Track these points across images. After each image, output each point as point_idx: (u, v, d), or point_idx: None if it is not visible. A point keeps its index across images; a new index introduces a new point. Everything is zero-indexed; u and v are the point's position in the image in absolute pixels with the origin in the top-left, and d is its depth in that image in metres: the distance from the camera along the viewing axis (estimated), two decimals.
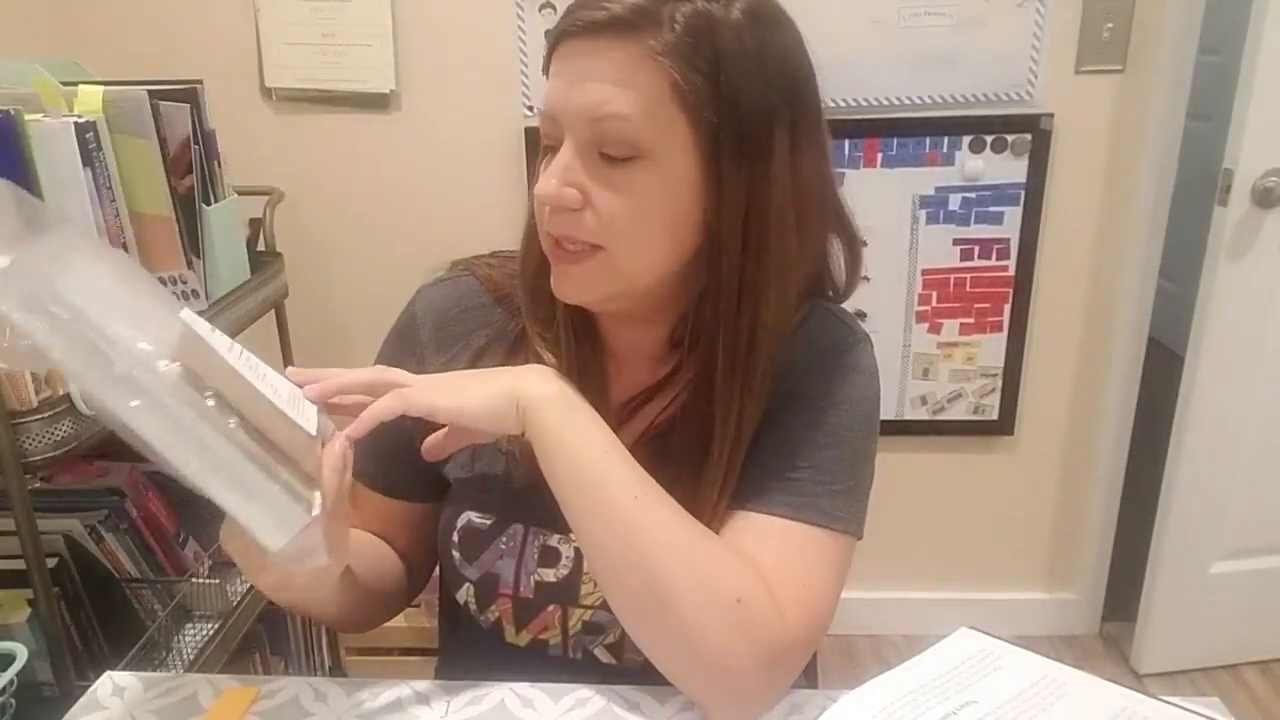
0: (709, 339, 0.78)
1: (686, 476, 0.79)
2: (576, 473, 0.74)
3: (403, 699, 0.78)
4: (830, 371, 0.82)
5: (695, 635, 0.71)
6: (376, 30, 1.86)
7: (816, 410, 0.81)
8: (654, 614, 0.72)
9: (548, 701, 0.77)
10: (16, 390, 1.05)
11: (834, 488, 0.79)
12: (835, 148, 1.91)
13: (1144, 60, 1.84)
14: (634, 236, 0.74)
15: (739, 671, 0.71)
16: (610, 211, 0.73)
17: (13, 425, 1.05)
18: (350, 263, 2.01)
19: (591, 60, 0.71)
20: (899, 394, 2.08)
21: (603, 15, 0.70)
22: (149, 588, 1.35)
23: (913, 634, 2.20)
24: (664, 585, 0.71)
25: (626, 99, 0.70)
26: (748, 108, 0.72)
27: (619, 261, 0.75)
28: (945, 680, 0.73)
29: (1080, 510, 2.18)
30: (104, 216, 1.17)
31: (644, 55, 0.70)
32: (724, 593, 0.71)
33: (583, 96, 0.71)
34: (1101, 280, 2.00)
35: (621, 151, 0.72)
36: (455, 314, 0.88)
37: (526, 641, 0.87)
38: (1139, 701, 0.71)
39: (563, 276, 0.77)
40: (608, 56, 0.71)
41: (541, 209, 0.75)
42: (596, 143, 0.72)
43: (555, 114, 0.73)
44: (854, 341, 0.86)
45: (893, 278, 2.00)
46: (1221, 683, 2.07)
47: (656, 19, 0.70)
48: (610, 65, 0.71)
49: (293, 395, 0.68)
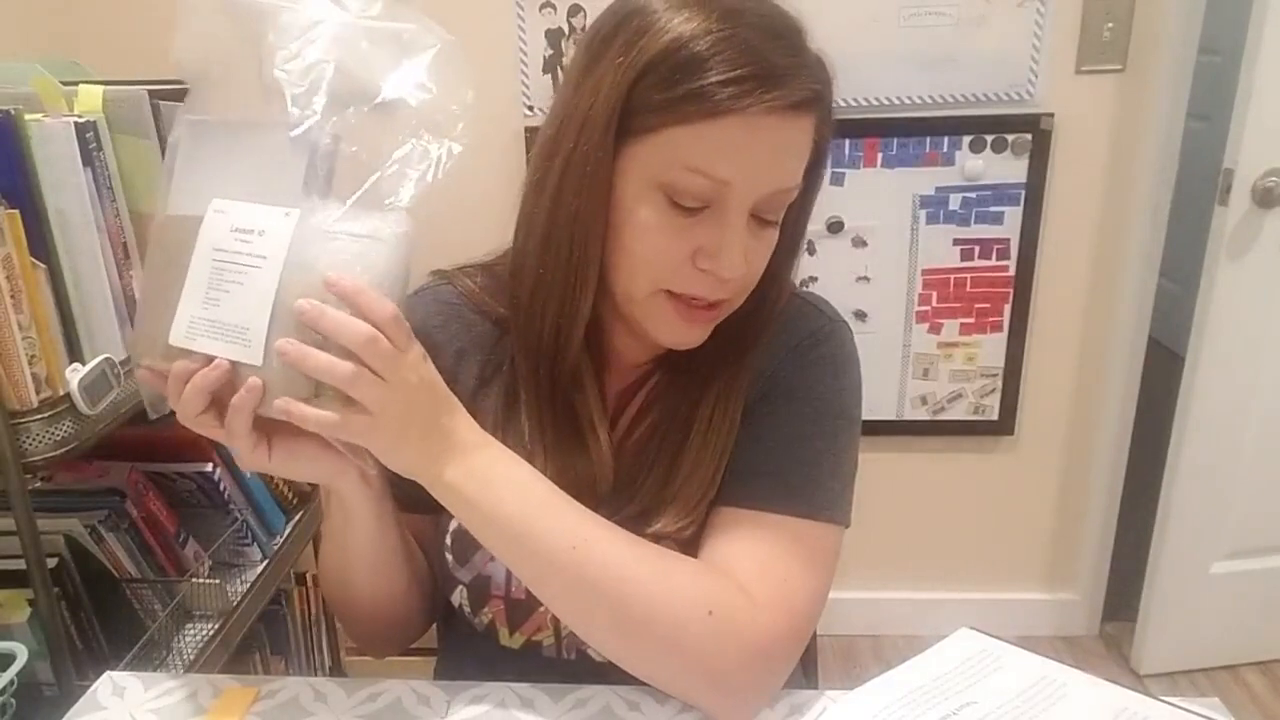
0: (718, 345, 0.80)
1: (664, 471, 0.81)
2: (508, 546, 0.73)
3: (403, 699, 0.78)
4: (809, 361, 0.83)
5: (676, 654, 0.72)
6: None
7: (797, 401, 0.81)
8: (631, 645, 0.73)
9: (548, 702, 0.77)
10: (17, 390, 1.05)
11: (817, 478, 0.79)
12: (835, 147, 1.92)
13: (1144, 60, 1.84)
14: (755, 284, 0.79)
15: (726, 675, 0.72)
16: (756, 271, 0.77)
17: (13, 425, 1.05)
18: None
19: (784, 136, 0.71)
20: (899, 394, 2.08)
21: (807, 95, 0.70)
22: (149, 588, 1.35)
23: (913, 634, 2.19)
24: (630, 620, 0.71)
25: (802, 169, 0.75)
26: (828, 145, 0.77)
27: (735, 305, 0.78)
28: (945, 681, 0.73)
29: (1080, 510, 2.18)
30: (104, 216, 1.16)
31: (813, 125, 0.73)
32: (693, 608, 0.71)
33: (777, 172, 0.72)
34: (1102, 280, 2.00)
35: (777, 217, 0.75)
36: (436, 322, 0.88)
37: (521, 644, 0.87)
38: (1139, 702, 0.71)
39: (687, 329, 0.77)
40: (796, 132, 0.72)
41: (679, 269, 0.74)
42: (760, 209, 0.73)
43: (734, 182, 0.70)
44: (831, 329, 0.85)
45: (893, 278, 2.00)
46: (1222, 683, 2.07)
47: (827, 91, 0.73)
48: (799, 141, 0.73)
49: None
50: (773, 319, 0.83)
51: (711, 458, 0.80)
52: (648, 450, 0.83)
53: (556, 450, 0.81)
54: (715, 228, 0.71)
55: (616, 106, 0.70)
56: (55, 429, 1.08)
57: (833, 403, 0.82)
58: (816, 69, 0.72)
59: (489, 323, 0.87)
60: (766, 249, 0.76)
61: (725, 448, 0.80)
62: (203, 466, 1.47)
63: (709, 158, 0.69)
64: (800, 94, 0.69)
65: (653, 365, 0.86)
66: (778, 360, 0.83)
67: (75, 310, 1.14)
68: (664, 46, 0.68)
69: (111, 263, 1.18)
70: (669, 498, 0.79)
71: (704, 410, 0.81)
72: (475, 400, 0.85)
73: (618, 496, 0.82)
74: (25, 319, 1.05)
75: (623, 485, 0.82)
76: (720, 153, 0.69)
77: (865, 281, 2.01)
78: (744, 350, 0.82)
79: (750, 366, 0.82)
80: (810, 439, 0.80)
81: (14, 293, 1.03)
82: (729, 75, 0.67)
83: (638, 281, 0.75)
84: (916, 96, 1.88)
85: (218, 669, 1.38)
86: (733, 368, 0.82)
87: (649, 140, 0.70)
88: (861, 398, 0.85)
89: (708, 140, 0.69)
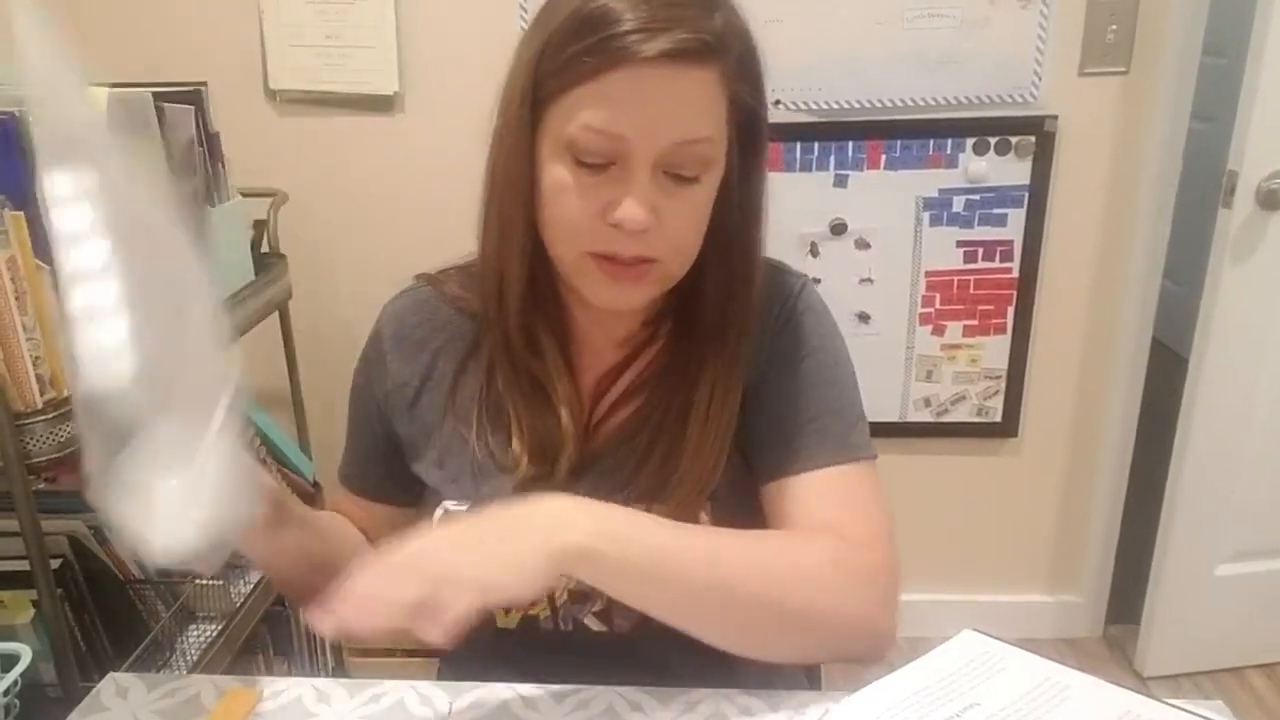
0: (705, 325, 0.83)
1: (663, 457, 0.83)
2: (648, 586, 0.72)
3: (405, 699, 0.78)
4: (799, 321, 0.87)
5: (821, 623, 0.75)
6: (380, 32, 1.87)
7: (802, 359, 0.85)
8: (778, 634, 0.76)
9: (550, 702, 0.77)
10: (21, 391, 1.05)
11: (847, 421, 0.84)
12: (839, 149, 1.92)
13: (1148, 62, 1.84)
14: (689, 246, 0.79)
15: (870, 617, 0.76)
16: (679, 229, 0.77)
17: (17, 426, 1.05)
18: (354, 264, 2.01)
19: (672, 87, 0.72)
20: (902, 396, 2.08)
21: (689, 43, 0.70)
22: (152, 589, 1.35)
23: (916, 636, 2.18)
24: (785, 609, 0.74)
25: (708, 123, 0.75)
26: (761, 109, 0.79)
27: (671, 270, 0.80)
28: (949, 682, 0.73)
29: (1084, 512, 2.17)
30: None
31: (717, 79, 0.74)
32: (818, 572, 0.75)
33: (670, 123, 0.73)
34: (1105, 282, 1.99)
35: (694, 171, 0.75)
36: (414, 321, 0.92)
37: (517, 621, 0.88)
38: (1143, 704, 0.71)
39: (617, 290, 0.79)
40: (691, 82, 0.73)
41: (593, 228, 0.75)
42: (670, 164, 0.74)
43: (627, 135, 0.72)
44: (802, 285, 0.89)
45: (896, 280, 2.00)
46: (1226, 685, 2.06)
47: (726, 42, 0.73)
48: (694, 92, 0.73)
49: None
50: (754, 296, 0.85)
51: (715, 444, 0.83)
52: (641, 435, 0.85)
53: (528, 414, 0.85)
54: (619, 182, 0.74)
55: (530, 77, 0.75)
56: (59, 430, 1.08)
57: (829, 351, 0.87)
58: (708, 21, 0.72)
59: (465, 317, 0.91)
60: (689, 207, 0.77)
61: (727, 433, 0.83)
62: None
63: (600, 113, 0.72)
64: (680, 43, 0.70)
65: (635, 349, 0.89)
66: (768, 334, 0.86)
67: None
68: (566, 15, 0.72)
69: None
70: (675, 483, 0.82)
71: (701, 396, 0.83)
72: (456, 387, 0.89)
73: (615, 477, 0.85)
74: (30, 320, 1.05)
75: (619, 467, 0.85)
76: (610, 107, 0.72)
77: (868, 283, 2.00)
78: (733, 332, 0.84)
79: (746, 348, 0.85)
80: (826, 391, 0.85)
81: (19, 294, 1.03)
82: (612, 31, 0.70)
83: (564, 244, 0.78)
84: (920, 98, 1.88)
85: (221, 670, 1.38)
86: (727, 352, 0.84)
87: (556, 105, 0.74)
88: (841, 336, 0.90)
89: (598, 96, 0.72)
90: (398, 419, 0.92)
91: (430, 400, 0.90)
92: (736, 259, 0.83)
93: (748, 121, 0.79)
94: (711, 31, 0.72)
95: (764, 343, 0.86)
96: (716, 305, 0.83)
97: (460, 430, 0.88)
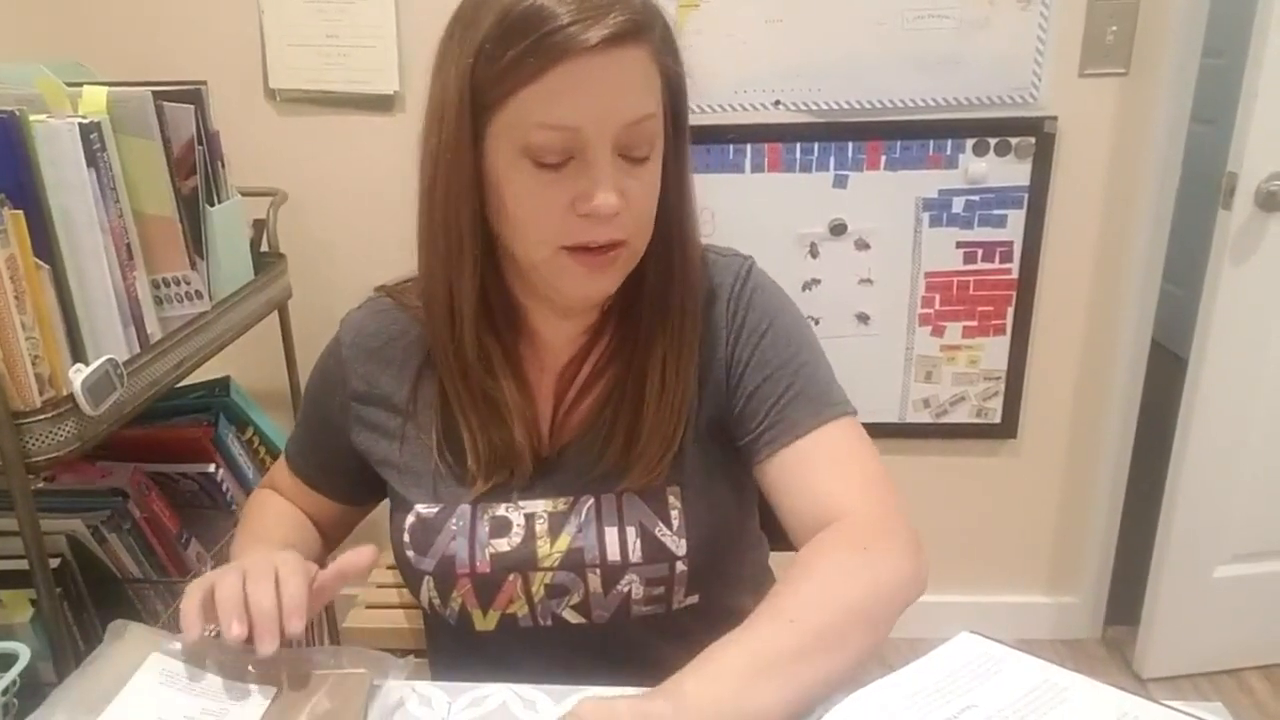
0: (648, 299, 0.86)
1: (625, 433, 0.86)
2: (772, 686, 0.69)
3: (405, 700, 0.78)
4: (753, 298, 0.90)
5: (900, 608, 0.79)
6: (380, 32, 1.87)
7: (767, 333, 0.88)
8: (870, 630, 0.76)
9: (549, 703, 0.77)
10: (20, 390, 1.05)
11: (823, 381, 0.88)
12: (839, 149, 1.92)
13: (1148, 63, 1.84)
14: (650, 222, 0.82)
15: (906, 576, 0.80)
16: (642, 209, 0.80)
17: (16, 425, 1.05)
18: (353, 264, 2.01)
19: (615, 70, 0.74)
20: (901, 397, 2.08)
21: (624, 25, 0.72)
22: (152, 588, 1.36)
23: (914, 637, 2.18)
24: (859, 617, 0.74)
25: (651, 99, 0.77)
26: (683, 79, 0.82)
27: (636, 248, 0.82)
28: (946, 684, 0.73)
29: (1083, 514, 2.17)
30: (108, 217, 1.17)
31: (650, 56, 0.76)
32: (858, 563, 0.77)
33: (619, 105, 0.75)
34: (1105, 283, 1.99)
35: (645, 151, 0.78)
36: (372, 329, 0.94)
37: (495, 622, 0.89)
38: (1141, 706, 0.71)
39: (596, 278, 0.81)
40: (629, 63, 0.74)
41: (564, 222, 0.77)
42: (623, 146, 0.76)
43: (582, 125, 0.74)
44: (747, 264, 0.92)
45: (895, 280, 2.00)
46: (1224, 687, 2.07)
47: (651, 19, 0.76)
48: (635, 71, 0.75)
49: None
50: (692, 264, 0.87)
51: (671, 415, 0.86)
52: (603, 417, 0.87)
53: (482, 432, 0.87)
54: (583, 174, 0.75)
55: (466, 88, 0.75)
56: (58, 429, 1.08)
57: (788, 317, 0.90)
58: (629, 3, 0.74)
59: (420, 326, 0.92)
60: (648, 186, 0.80)
61: (683, 403, 0.86)
62: (205, 467, 1.47)
63: (551, 110, 0.73)
64: (616, 26, 0.72)
65: (590, 338, 0.90)
66: (729, 321, 0.88)
67: (78, 311, 1.14)
68: (493, 21, 0.73)
69: (115, 263, 1.18)
70: (635, 456, 0.85)
71: (654, 370, 0.86)
72: (415, 395, 0.91)
73: (582, 460, 0.87)
74: (29, 319, 1.05)
75: (589, 447, 0.88)
76: (560, 101, 0.73)
77: (868, 284, 2.00)
78: (675, 301, 0.86)
79: (692, 321, 0.87)
80: (795, 357, 0.87)
81: (18, 293, 1.03)
82: (548, 29, 0.71)
83: (534, 246, 0.79)
84: (919, 99, 1.88)
85: None
86: (672, 322, 0.86)
87: (501, 112, 0.75)
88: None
89: (546, 93, 0.73)
90: (354, 428, 0.94)
91: (389, 409, 0.92)
92: (674, 231, 0.85)
93: (675, 92, 0.81)
94: (639, 10, 0.74)
95: (730, 330, 0.88)
96: (657, 278, 0.86)
97: (422, 438, 0.90)
